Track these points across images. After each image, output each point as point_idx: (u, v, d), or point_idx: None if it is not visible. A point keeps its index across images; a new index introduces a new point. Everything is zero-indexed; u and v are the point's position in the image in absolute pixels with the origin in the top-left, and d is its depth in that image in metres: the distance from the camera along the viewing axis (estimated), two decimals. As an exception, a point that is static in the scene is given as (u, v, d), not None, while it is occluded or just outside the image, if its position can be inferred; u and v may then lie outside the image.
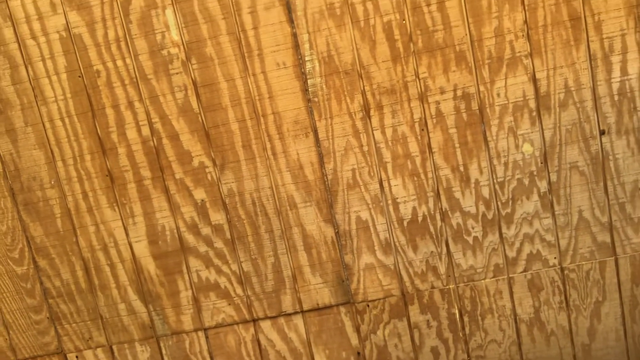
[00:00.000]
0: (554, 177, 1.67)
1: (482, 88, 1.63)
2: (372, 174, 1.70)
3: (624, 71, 1.60)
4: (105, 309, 1.82)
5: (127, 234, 1.77)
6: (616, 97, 1.62)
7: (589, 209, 1.68)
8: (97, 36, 1.66)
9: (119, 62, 1.67)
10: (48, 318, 1.83)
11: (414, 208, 1.71)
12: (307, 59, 1.64)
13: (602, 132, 1.63)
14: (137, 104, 1.69)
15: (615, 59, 1.60)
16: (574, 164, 1.66)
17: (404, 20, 1.61)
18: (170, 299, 1.80)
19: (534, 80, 1.62)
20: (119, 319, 1.82)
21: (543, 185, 1.68)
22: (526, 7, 1.59)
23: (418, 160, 1.68)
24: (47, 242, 1.78)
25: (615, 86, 1.61)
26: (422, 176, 1.69)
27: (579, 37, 1.59)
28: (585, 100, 1.62)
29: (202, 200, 1.74)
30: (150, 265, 1.79)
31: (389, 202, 1.71)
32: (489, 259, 1.73)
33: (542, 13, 1.59)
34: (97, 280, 1.80)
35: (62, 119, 1.71)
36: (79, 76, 1.68)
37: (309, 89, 1.66)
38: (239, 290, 1.79)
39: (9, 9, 1.65)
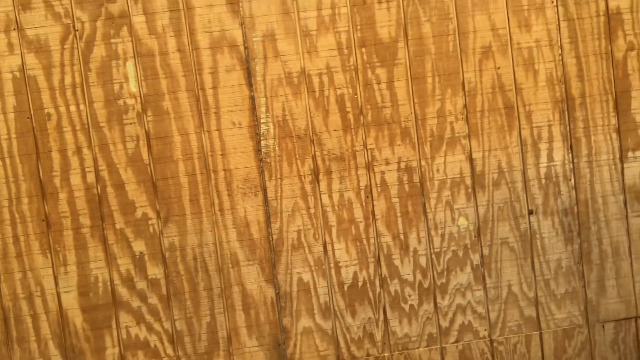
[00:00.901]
0: (486, 251, 1.78)
1: (423, 163, 1.75)
2: (317, 236, 1.74)
3: (550, 157, 1.77)
4: (20, 365, 1.70)
5: (56, 283, 1.69)
6: (543, 181, 1.77)
7: (518, 283, 1.79)
8: (52, 80, 1.66)
9: (72, 108, 1.67)
10: (-49, 374, 1.68)
11: (355, 273, 1.75)
12: (262, 121, 1.71)
13: (530, 212, 1.77)
14: (85, 150, 1.68)
15: (543, 146, 1.77)
16: (505, 240, 1.78)
17: (355, 94, 1.73)
18: (94, 356, 1.71)
19: (471, 159, 1.76)
20: (34, 377, 1.70)
21: (476, 258, 1.77)
22: (466, 93, 1.74)
23: (362, 226, 1.74)
24: (-36, 288, 1.67)
25: (543, 170, 1.77)
26: (365, 242, 1.75)
27: (512, 123, 1.76)
28: (516, 181, 1.77)
29: (141, 253, 1.71)
30: (77, 318, 1.70)
31: (332, 265, 1.74)
32: (423, 328, 1.77)
33: (481, 100, 1.75)
34: (15, 332, 1.69)
35: (2, 159, 1.66)
36: (28, 117, 1.66)
37: (262, 150, 1.71)
38: (170, 351, 1.73)
39: (-38, 45, 1.64)
